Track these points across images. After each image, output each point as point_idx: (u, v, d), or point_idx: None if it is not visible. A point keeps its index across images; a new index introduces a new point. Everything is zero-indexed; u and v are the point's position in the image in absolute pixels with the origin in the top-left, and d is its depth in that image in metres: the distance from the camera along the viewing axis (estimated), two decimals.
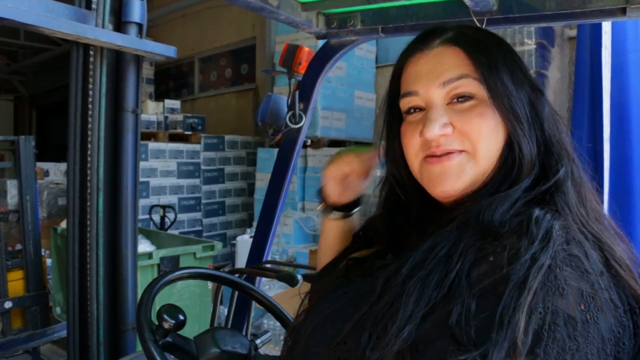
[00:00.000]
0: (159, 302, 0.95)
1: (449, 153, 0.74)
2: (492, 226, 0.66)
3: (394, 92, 0.83)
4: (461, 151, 0.74)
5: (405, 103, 0.79)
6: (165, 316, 0.93)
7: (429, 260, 0.66)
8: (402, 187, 0.85)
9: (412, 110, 0.78)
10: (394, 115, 0.84)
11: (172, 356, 0.99)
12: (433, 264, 0.65)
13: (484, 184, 0.74)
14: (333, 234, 1.01)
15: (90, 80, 1.74)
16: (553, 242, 0.60)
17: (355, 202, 1.00)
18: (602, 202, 0.77)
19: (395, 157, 0.84)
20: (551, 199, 0.69)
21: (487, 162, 0.74)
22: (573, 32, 3.66)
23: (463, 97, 0.74)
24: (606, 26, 2.20)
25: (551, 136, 0.75)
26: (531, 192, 0.70)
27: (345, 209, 1.00)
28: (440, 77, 0.75)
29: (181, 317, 0.94)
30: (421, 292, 0.63)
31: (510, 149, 0.74)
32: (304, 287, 1.29)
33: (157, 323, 0.95)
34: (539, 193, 0.70)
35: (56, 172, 5.78)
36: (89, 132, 1.76)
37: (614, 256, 0.64)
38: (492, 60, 0.74)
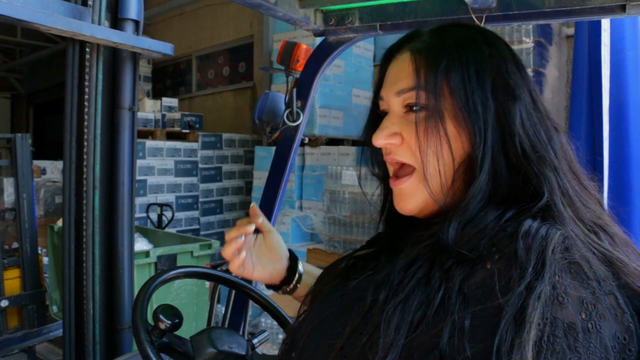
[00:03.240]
0: (156, 300, 0.95)
1: (402, 173, 0.75)
2: (461, 244, 0.64)
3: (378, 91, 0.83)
4: (413, 170, 0.73)
5: (379, 105, 0.80)
6: (161, 316, 0.92)
7: (405, 282, 0.64)
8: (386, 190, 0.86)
9: (382, 114, 0.79)
10: (376, 115, 0.84)
11: (169, 357, 0.98)
12: (411, 287, 0.63)
13: (452, 199, 0.71)
14: (301, 295, 1.02)
15: (87, 77, 1.73)
16: (549, 266, 0.57)
17: (292, 266, 1.03)
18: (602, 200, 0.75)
19: (377, 159, 0.86)
20: (546, 207, 0.65)
21: (437, 179, 0.71)
22: (571, 31, 3.65)
23: (415, 107, 0.72)
24: (605, 24, 2.19)
25: (525, 149, 0.68)
26: (521, 205, 0.67)
27: (286, 281, 1.03)
28: (395, 85, 0.75)
29: (177, 318, 0.93)
30: (401, 317, 0.61)
31: (472, 162, 0.70)
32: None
33: (153, 323, 0.94)
34: (531, 206, 0.66)
35: (53, 170, 5.76)
36: (85, 130, 1.74)
37: (616, 259, 0.62)
38: (449, 69, 0.70)
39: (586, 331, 0.54)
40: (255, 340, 1.19)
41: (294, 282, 1.02)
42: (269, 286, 1.06)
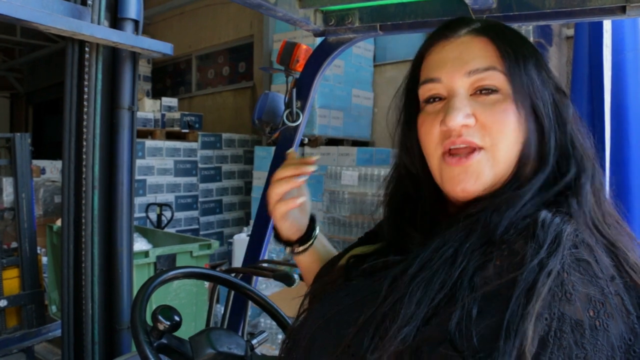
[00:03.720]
0: (155, 299, 0.94)
1: (469, 150, 0.71)
2: (500, 229, 0.64)
3: (413, 79, 0.80)
4: (480, 149, 0.71)
5: (425, 90, 0.76)
6: (160, 317, 0.91)
7: (434, 259, 0.64)
8: (413, 180, 0.83)
9: (431, 100, 0.75)
10: (411, 105, 0.81)
11: (168, 358, 0.98)
12: (439, 265, 0.63)
13: (502, 184, 0.72)
14: (307, 265, 0.98)
15: (86, 77, 1.73)
16: (562, 246, 0.58)
17: (310, 229, 0.98)
18: None
19: (410, 148, 0.82)
20: (565, 201, 0.67)
21: (506, 162, 0.71)
22: (571, 32, 3.65)
23: (488, 90, 0.71)
24: (607, 25, 2.19)
25: (573, 139, 0.73)
26: (546, 193, 0.69)
27: (303, 240, 0.97)
28: (467, 65, 0.72)
29: (176, 319, 0.93)
30: (424, 293, 0.61)
31: (529, 149, 0.71)
32: (301, 286, 1.28)
33: (152, 324, 0.93)
34: (554, 194, 0.69)
35: (52, 169, 5.76)
36: (84, 130, 1.74)
37: (627, 261, 0.62)
38: (520, 55, 0.72)
39: (593, 328, 0.54)
40: (254, 341, 1.18)
41: (308, 244, 0.97)
42: (280, 242, 1.00)
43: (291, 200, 0.87)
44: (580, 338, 0.54)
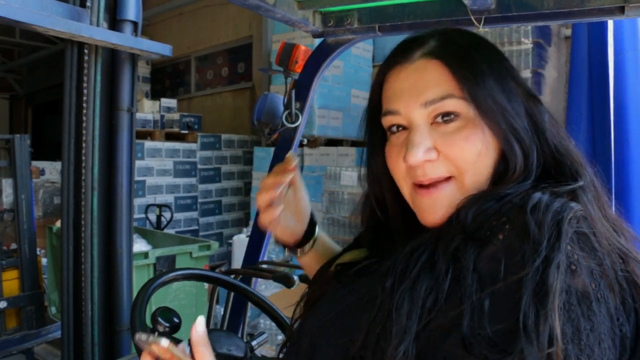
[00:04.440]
0: (155, 300, 0.94)
1: (437, 182, 0.69)
2: (478, 218, 0.62)
3: (375, 107, 0.77)
4: (449, 178, 0.69)
5: (387, 121, 0.74)
6: (159, 319, 0.91)
7: (410, 267, 0.62)
8: (382, 208, 0.82)
9: (394, 129, 0.73)
10: (375, 132, 0.79)
11: None
12: (417, 272, 0.61)
13: None
14: (311, 266, 0.97)
15: (85, 78, 1.73)
16: (565, 235, 0.56)
17: (308, 233, 0.97)
18: None
19: (377, 177, 0.80)
20: (572, 191, 0.65)
21: (476, 185, 0.69)
22: (569, 31, 3.66)
23: (447, 116, 0.69)
24: (611, 24, 2.19)
25: (557, 146, 0.70)
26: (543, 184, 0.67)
27: (300, 243, 0.96)
28: (422, 96, 0.69)
29: (176, 320, 0.93)
30: (411, 303, 0.59)
31: (506, 166, 0.69)
32: (300, 288, 1.28)
33: (151, 326, 0.93)
34: (555, 185, 0.66)
35: (52, 170, 5.75)
36: (84, 131, 1.74)
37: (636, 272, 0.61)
38: (478, 74, 0.68)
39: (596, 300, 0.55)
40: (254, 342, 1.18)
41: (307, 248, 0.96)
42: (280, 244, 0.99)
43: (271, 210, 0.87)
44: (587, 310, 0.54)
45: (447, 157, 0.68)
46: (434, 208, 0.69)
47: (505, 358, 0.52)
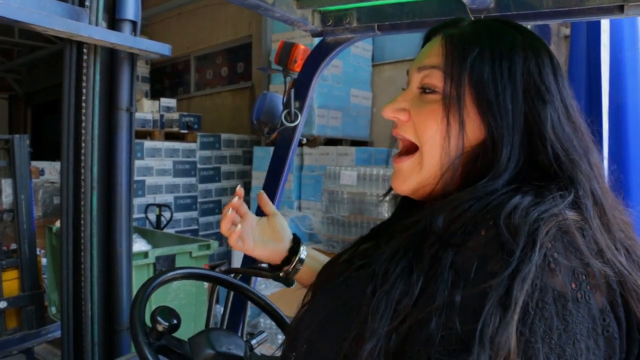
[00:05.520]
0: (154, 300, 0.94)
1: (405, 149, 0.76)
2: (452, 225, 0.63)
3: None
4: (415, 149, 0.74)
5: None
6: (159, 319, 0.91)
7: (390, 272, 0.63)
8: None
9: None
10: None
11: (167, 359, 0.98)
12: (396, 276, 0.62)
13: (445, 186, 0.71)
14: (309, 282, 0.98)
15: (84, 78, 1.72)
16: (539, 246, 0.55)
17: (292, 251, 1.04)
18: None
19: None
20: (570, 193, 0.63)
21: (436, 165, 0.71)
22: (569, 31, 3.66)
23: (429, 89, 0.74)
24: (605, 24, 2.19)
25: (558, 154, 0.67)
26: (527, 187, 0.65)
27: (285, 262, 1.04)
28: (420, 61, 0.76)
29: (175, 320, 0.93)
30: (385, 307, 0.60)
31: (477, 156, 0.70)
32: (300, 287, 1.28)
33: (151, 325, 0.93)
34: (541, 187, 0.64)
35: (51, 170, 5.75)
36: (83, 131, 1.74)
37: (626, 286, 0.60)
38: (470, 57, 0.70)
39: (575, 301, 0.54)
40: (253, 341, 1.18)
41: (293, 262, 1.04)
42: (271, 267, 1.09)
43: (232, 232, 0.98)
44: (562, 310, 0.54)
45: (413, 123, 0.74)
46: (397, 176, 0.77)
47: (468, 357, 0.52)
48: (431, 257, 0.61)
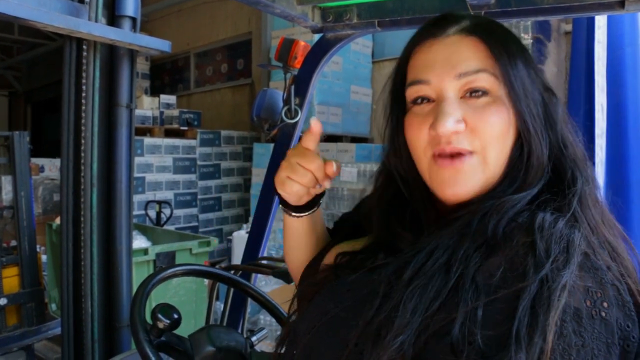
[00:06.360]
0: (154, 297, 0.94)
1: (459, 154, 0.69)
2: (497, 231, 0.64)
3: (399, 79, 0.78)
4: (471, 152, 0.69)
5: (412, 92, 0.74)
6: (159, 315, 0.91)
7: (428, 265, 0.63)
8: (402, 179, 0.81)
9: (419, 101, 0.73)
10: (398, 105, 0.80)
11: (167, 356, 0.98)
12: (433, 271, 0.62)
13: (493, 186, 0.71)
14: (299, 231, 0.93)
15: (84, 75, 1.72)
16: (575, 255, 0.58)
17: (311, 202, 0.92)
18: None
19: (398, 151, 0.80)
20: (569, 205, 0.66)
21: (496, 165, 0.70)
22: (569, 27, 3.65)
23: (478, 92, 0.69)
24: (599, 20, 2.18)
25: (565, 139, 0.72)
26: (545, 197, 0.68)
27: (307, 207, 0.91)
28: (457, 67, 0.69)
29: (175, 316, 0.93)
30: (419, 300, 0.60)
31: (520, 150, 0.71)
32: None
33: (151, 322, 0.93)
34: (554, 198, 0.67)
35: (51, 167, 5.74)
36: (83, 128, 1.74)
37: (623, 263, 0.63)
38: (511, 55, 0.70)
39: (590, 317, 0.55)
40: (254, 338, 1.18)
41: (304, 213, 0.91)
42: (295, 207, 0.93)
43: (295, 185, 0.85)
44: (578, 327, 0.55)
45: (473, 130, 0.69)
46: (456, 180, 0.69)
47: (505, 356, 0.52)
48: (467, 258, 0.62)
